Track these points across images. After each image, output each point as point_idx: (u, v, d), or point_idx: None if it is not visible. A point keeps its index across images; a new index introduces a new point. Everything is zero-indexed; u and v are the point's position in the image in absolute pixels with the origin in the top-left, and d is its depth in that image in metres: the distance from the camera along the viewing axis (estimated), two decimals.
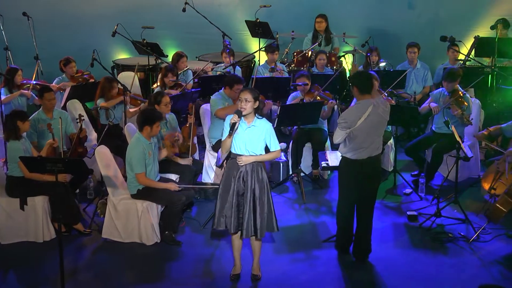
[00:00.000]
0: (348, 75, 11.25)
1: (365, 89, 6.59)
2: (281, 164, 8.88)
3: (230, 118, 6.19)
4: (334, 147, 8.20)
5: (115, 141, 8.37)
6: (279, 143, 9.22)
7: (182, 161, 7.97)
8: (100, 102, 8.60)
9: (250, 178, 6.22)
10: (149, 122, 7.20)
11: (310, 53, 10.94)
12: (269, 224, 6.33)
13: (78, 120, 8.08)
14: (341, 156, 6.74)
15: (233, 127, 6.11)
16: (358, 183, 6.65)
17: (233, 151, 6.27)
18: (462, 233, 7.40)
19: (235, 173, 6.24)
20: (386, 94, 8.91)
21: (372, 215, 6.84)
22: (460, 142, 7.60)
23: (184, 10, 10.90)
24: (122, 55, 12.26)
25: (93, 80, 9.77)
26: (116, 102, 8.67)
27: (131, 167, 7.19)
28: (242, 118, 6.20)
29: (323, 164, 8.21)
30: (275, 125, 8.75)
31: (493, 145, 8.29)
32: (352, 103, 8.14)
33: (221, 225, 6.31)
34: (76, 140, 7.96)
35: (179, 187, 7.29)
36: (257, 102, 6.21)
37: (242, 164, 6.21)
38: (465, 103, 8.34)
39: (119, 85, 8.76)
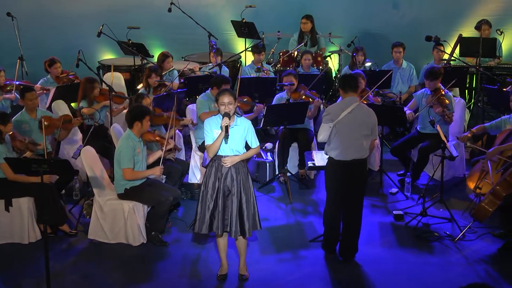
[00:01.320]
0: (334, 75, 11.28)
1: (349, 88, 6.62)
2: (268, 164, 8.89)
3: (212, 122, 6.20)
4: (320, 147, 8.23)
5: (101, 142, 8.34)
6: (266, 143, 9.31)
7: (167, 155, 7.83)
8: (83, 106, 8.54)
9: (235, 179, 6.23)
10: (139, 117, 7.18)
11: (296, 53, 10.96)
12: (254, 222, 6.34)
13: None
14: (327, 157, 6.76)
15: (227, 130, 6.10)
16: (344, 185, 6.65)
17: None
18: (447, 232, 7.44)
19: (220, 175, 6.24)
20: (373, 94, 8.94)
21: (360, 216, 6.83)
22: (445, 141, 7.64)
23: (169, 10, 10.88)
24: (108, 56, 12.23)
25: (78, 81, 9.73)
26: (99, 107, 8.63)
27: (119, 163, 7.16)
28: None
29: (309, 164, 8.22)
30: (261, 126, 8.77)
31: (477, 145, 8.34)
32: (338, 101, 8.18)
33: (204, 229, 6.28)
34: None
35: (161, 168, 7.23)
36: (237, 102, 6.25)
37: (228, 165, 6.21)
38: (447, 101, 8.38)
39: (104, 85, 8.73)
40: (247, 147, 6.37)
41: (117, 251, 7.16)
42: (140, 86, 9.79)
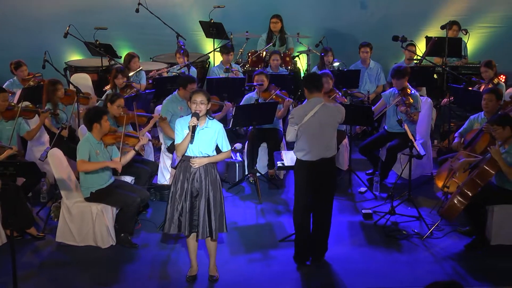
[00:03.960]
0: (302, 75, 11.32)
1: (314, 88, 6.65)
2: (237, 165, 8.89)
3: (182, 121, 6.18)
4: (290, 147, 8.25)
5: (68, 144, 8.26)
6: (235, 143, 9.30)
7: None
8: (48, 108, 8.45)
9: (203, 180, 6.22)
10: (96, 118, 7.10)
11: (264, 53, 10.97)
12: (220, 225, 6.34)
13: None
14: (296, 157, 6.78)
15: (194, 130, 6.08)
16: (312, 184, 6.66)
17: (185, 153, 6.25)
18: (415, 230, 7.51)
19: (188, 175, 6.22)
20: (341, 94, 8.99)
21: (330, 216, 6.84)
22: (413, 140, 7.72)
23: (137, 10, 10.82)
24: (75, 57, 12.12)
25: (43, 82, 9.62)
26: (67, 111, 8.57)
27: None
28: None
29: (279, 164, 8.23)
30: (230, 126, 8.76)
31: (443, 144, 8.43)
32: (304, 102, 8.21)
33: (172, 229, 6.27)
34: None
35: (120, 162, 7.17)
36: (210, 104, 6.22)
37: (196, 166, 6.20)
38: (411, 100, 8.46)
39: (71, 87, 8.65)
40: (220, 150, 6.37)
41: (85, 254, 7.10)
42: (107, 87, 9.72)
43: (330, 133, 6.66)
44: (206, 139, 6.21)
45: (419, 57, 10.40)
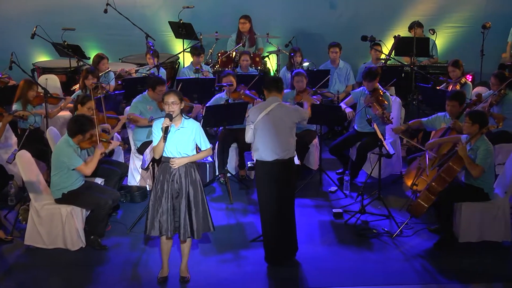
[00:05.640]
0: (272, 75, 11.33)
1: (274, 88, 6.68)
2: (208, 165, 8.88)
3: (159, 123, 6.15)
4: None
5: (37, 145, 8.17)
6: None
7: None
8: (16, 108, 8.35)
9: (184, 180, 6.20)
10: (83, 132, 7.06)
11: (234, 54, 10.97)
12: (205, 224, 6.32)
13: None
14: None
15: (166, 131, 6.06)
16: (270, 185, 6.65)
17: (164, 154, 6.23)
18: (385, 229, 7.57)
19: (168, 176, 6.20)
20: (311, 94, 9.02)
21: (293, 216, 6.83)
22: (382, 139, 7.77)
23: (105, 11, 10.74)
24: (43, 58, 11.99)
25: (13, 83, 9.51)
26: (31, 114, 8.46)
27: (56, 168, 7.02)
28: None
29: (249, 164, 8.25)
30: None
31: (413, 141, 8.51)
32: None
33: (154, 231, 6.24)
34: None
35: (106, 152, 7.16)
36: (183, 103, 6.19)
37: (175, 167, 6.18)
38: (385, 101, 8.53)
39: (39, 89, 8.56)
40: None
41: (55, 257, 7.02)
42: (76, 87, 9.64)
43: (286, 133, 6.65)
44: (183, 139, 6.19)
45: (384, 55, 10.49)
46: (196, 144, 6.33)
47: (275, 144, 6.57)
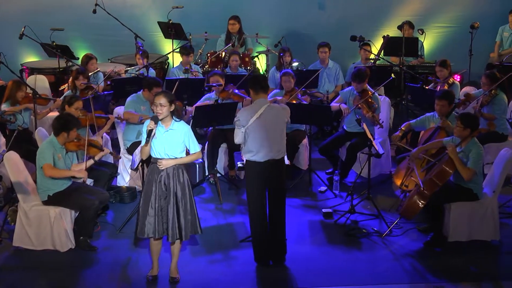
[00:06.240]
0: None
1: (260, 88, 6.65)
2: (197, 166, 8.85)
3: (146, 124, 6.14)
4: None
5: (25, 146, 8.14)
6: None
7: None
8: (5, 107, 8.33)
9: (171, 182, 6.19)
10: (67, 129, 7.02)
11: (223, 54, 10.96)
12: (193, 226, 6.32)
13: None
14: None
15: (149, 134, 6.05)
16: (261, 185, 6.65)
17: (153, 155, 6.22)
18: (375, 228, 7.59)
19: (156, 177, 6.19)
20: (300, 94, 9.03)
21: (283, 218, 6.81)
22: (372, 139, 7.79)
23: (94, 11, 10.69)
24: (32, 58, 11.94)
25: (1, 83, 9.47)
26: (22, 108, 8.45)
27: (40, 168, 6.99)
28: (160, 122, 6.15)
29: (239, 164, 8.24)
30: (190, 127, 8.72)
31: (402, 143, 8.53)
32: None
33: (145, 233, 6.22)
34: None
35: (85, 171, 7.08)
36: (173, 105, 6.17)
37: (162, 168, 6.17)
38: (375, 103, 8.54)
39: (28, 89, 8.53)
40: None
41: (44, 258, 6.99)
42: (64, 87, 9.60)
43: (279, 134, 6.66)
44: (172, 141, 6.18)
45: (374, 55, 10.52)
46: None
47: (270, 146, 6.57)
